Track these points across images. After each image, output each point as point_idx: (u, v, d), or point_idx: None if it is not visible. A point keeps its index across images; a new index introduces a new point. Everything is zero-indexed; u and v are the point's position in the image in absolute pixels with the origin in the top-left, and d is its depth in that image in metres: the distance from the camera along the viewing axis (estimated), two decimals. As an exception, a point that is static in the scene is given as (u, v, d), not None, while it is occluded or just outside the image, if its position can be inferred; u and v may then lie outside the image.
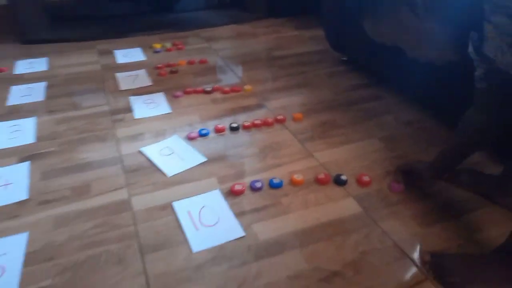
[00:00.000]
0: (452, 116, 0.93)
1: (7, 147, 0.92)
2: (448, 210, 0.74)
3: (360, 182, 0.80)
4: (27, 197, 0.77)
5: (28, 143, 0.94)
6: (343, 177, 0.81)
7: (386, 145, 0.93)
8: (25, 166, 0.86)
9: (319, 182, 0.81)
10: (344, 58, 1.39)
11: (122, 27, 1.74)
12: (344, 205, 0.75)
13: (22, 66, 1.36)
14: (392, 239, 0.67)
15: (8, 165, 0.86)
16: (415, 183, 0.79)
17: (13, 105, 1.11)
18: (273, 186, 0.79)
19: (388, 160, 0.88)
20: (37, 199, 0.77)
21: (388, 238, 0.68)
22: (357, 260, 0.64)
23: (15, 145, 0.93)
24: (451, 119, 0.96)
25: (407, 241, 0.67)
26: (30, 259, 0.64)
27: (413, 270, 0.62)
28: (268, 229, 0.70)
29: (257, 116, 1.04)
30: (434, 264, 0.61)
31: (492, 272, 0.58)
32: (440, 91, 0.96)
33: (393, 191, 0.78)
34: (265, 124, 1.01)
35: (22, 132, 0.98)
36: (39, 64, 1.38)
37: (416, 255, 0.64)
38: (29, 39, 1.58)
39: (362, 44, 1.20)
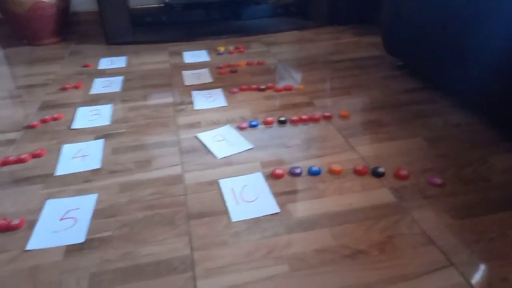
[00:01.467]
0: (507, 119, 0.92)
1: (87, 127, 1.08)
2: (483, 206, 0.74)
3: (397, 175, 0.83)
4: (99, 167, 0.91)
5: (104, 124, 1.09)
6: (381, 169, 0.84)
7: (430, 144, 0.94)
8: (100, 143, 1.00)
9: (356, 172, 0.84)
10: (400, 63, 1.40)
11: (192, 32, 1.90)
12: (379, 195, 0.78)
13: (105, 63, 1.56)
14: (421, 227, 0.69)
15: (87, 140, 1.02)
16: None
17: (95, 94, 1.29)
18: (312, 173, 0.85)
19: (430, 158, 0.89)
20: (107, 169, 0.90)
21: (417, 226, 0.70)
22: (383, 242, 0.67)
23: (94, 126, 1.09)
24: (505, 122, 0.95)
25: (436, 230, 0.69)
26: (97, 214, 0.76)
27: (438, 256, 0.64)
28: (302, 208, 0.75)
29: (305, 112, 1.10)
30: None
31: None
32: (496, 95, 0.95)
33: (431, 184, 0.79)
34: (312, 119, 1.06)
35: (100, 115, 1.14)
36: (118, 62, 1.57)
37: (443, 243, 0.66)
38: (113, 41, 1.80)
39: (418, 49, 1.21)
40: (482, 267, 0.62)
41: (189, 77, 1.39)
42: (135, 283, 0.62)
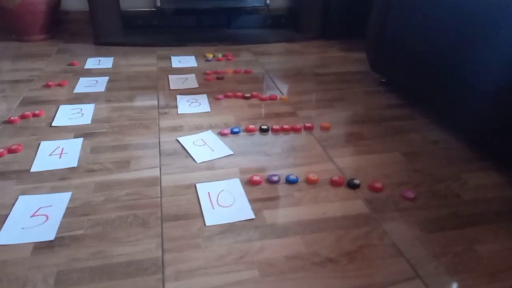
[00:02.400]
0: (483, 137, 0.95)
1: (68, 124, 1.08)
2: (453, 221, 0.75)
3: (372, 188, 0.84)
4: (76, 165, 0.90)
5: (85, 123, 1.09)
6: (356, 181, 0.85)
7: (407, 159, 0.96)
8: (79, 141, 0.99)
9: (333, 183, 0.86)
10: (383, 80, 1.43)
11: (182, 37, 1.91)
12: (352, 205, 0.79)
13: (92, 63, 1.56)
14: (392, 239, 0.71)
15: (66, 138, 1.01)
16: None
17: (79, 92, 1.29)
18: (289, 181, 0.85)
19: (406, 173, 0.90)
20: (84, 168, 0.89)
21: (388, 237, 0.71)
22: (353, 252, 0.68)
23: (75, 124, 1.08)
24: (481, 141, 0.98)
25: (405, 242, 0.70)
26: (70, 212, 0.75)
27: (406, 267, 0.65)
28: (277, 215, 0.76)
29: (287, 122, 1.12)
30: None
31: None
32: (476, 114, 0.98)
33: (404, 198, 0.81)
34: (293, 129, 1.08)
35: (82, 114, 1.13)
36: (106, 62, 1.57)
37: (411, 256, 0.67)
38: (102, 41, 1.80)
39: (401, 66, 1.25)
40: (447, 280, 0.63)
41: (175, 82, 1.40)
42: (104, 282, 0.61)
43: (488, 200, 0.82)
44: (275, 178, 0.85)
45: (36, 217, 0.74)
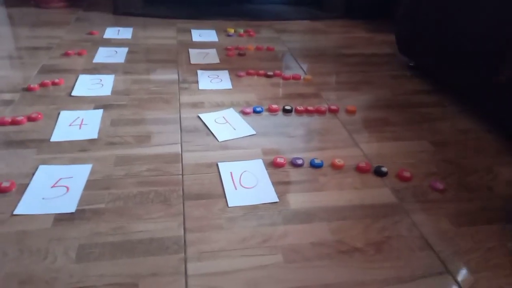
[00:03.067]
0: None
1: (87, 95, 1.06)
2: (484, 216, 0.72)
3: (400, 176, 0.81)
4: (97, 137, 0.88)
5: (105, 94, 1.06)
6: (384, 169, 0.82)
7: (436, 148, 0.92)
8: (99, 113, 0.97)
9: (359, 169, 0.83)
10: (412, 64, 1.38)
11: (203, 11, 1.86)
12: (379, 194, 0.77)
13: (111, 32, 1.52)
14: (420, 231, 0.68)
15: (86, 109, 0.99)
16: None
17: (98, 63, 1.26)
18: (314, 165, 0.83)
19: (434, 163, 0.87)
20: (105, 140, 0.87)
21: (416, 229, 0.68)
22: (380, 242, 0.65)
23: (94, 95, 1.06)
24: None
25: (434, 235, 0.67)
26: (90, 185, 0.74)
27: (435, 261, 0.62)
28: (301, 200, 0.74)
29: (311, 103, 1.08)
30: None
31: None
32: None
33: (433, 189, 0.78)
34: (318, 111, 1.04)
35: (102, 85, 1.11)
36: (125, 33, 1.53)
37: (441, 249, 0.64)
38: (121, 11, 1.76)
39: (432, 50, 1.19)
40: (478, 277, 0.60)
41: (196, 56, 1.36)
42: (125, 259, 0.60)
43: (522, 195, 0.78)
44: (300, 162, 0.83)
45: (57, 188, 0.73)
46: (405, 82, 1.27)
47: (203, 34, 1.57)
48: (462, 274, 0.61)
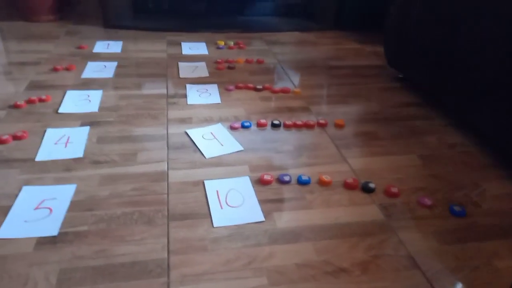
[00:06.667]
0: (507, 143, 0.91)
1: (75, 112, 1.05)
2: (471, 233, 0.72)
3: (388, 193, 0.81)
4: (82, 156, 0.87)
5: (92, 111, 1.06)
6: (371, 185, 0.81)
7: (424, 163, 0.92)
8: (85, 130, 0.96)
9: (346, 186, 0.82)
10: (400, 76, 1.38)
11: (194, 23, 1.86)
12: (367, 211, 0.76)
13: (100, 46, 1.52)
14: (407, 249, 0.67)
15: (72, 126, 0.98)
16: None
17: (87, 78, 1.25)
18: (301, 182, 0.82)
19: (422, 178, 0.87)
20: (90, 158, 0.87)
21: (403, 248, 0.68)
22: (366, 262, 0.65)
23: (81, 111, 1.05)
24: (503, 146, 0.94)
25: (421, 253, 0.67)
26: (74, 206, 0.73)
27: (421, 281, 0.62)
28: (287, 219, 0.73)
29: (300, 117, 1.08)
30: None
31: None
32: (499, 119, 0.93)
33: (420, 205, 0.78)
34: (306, 125, 1.04)
35: (89, 101, 1.10)
36: (114, 46, 1.53)
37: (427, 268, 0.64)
38: (111, 24, 1.75)
39: (419, 63, 1.19)
40: (465, 298, 0.60)
41: (185, 69, 1.36)
42: (107, 283, 0.59)
43: (508, 211, 0.78)
44: (287, 178, 0.82)
45: (40, 210, 0.72)
46: (394, 94, 1.27)
47: (193, 47, 1.58)
48: (449, 294, 0.60)
